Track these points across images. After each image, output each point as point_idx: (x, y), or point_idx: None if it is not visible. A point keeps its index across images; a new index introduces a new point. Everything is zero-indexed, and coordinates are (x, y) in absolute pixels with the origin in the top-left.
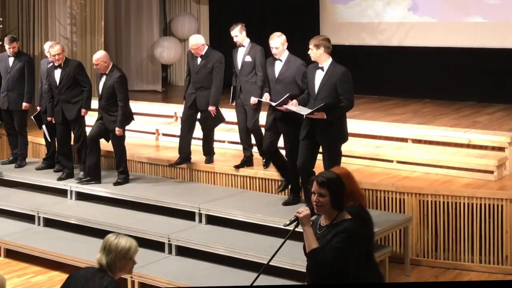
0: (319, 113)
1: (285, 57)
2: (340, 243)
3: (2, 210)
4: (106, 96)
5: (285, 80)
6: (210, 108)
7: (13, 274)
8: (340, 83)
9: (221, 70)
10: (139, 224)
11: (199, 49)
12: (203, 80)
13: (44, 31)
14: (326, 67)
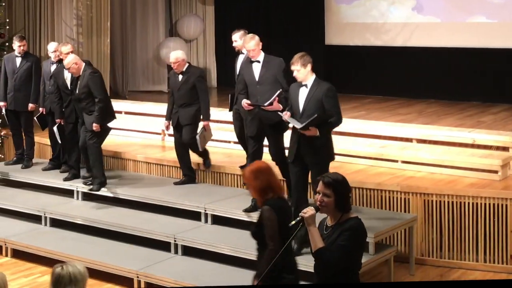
0: (312, 129)
1: (262, 58)
2: (345, 241)
3: (8, 211)
4: (84, 97)
5: (267, 81)
6: (204, 123)
7: (19, 274)
8: (326, 98)
9: (204, 84)
10: (145, 224)
11: (180, 64)
12: (185, 96)
13: (50, 32)
14: (310, 84)
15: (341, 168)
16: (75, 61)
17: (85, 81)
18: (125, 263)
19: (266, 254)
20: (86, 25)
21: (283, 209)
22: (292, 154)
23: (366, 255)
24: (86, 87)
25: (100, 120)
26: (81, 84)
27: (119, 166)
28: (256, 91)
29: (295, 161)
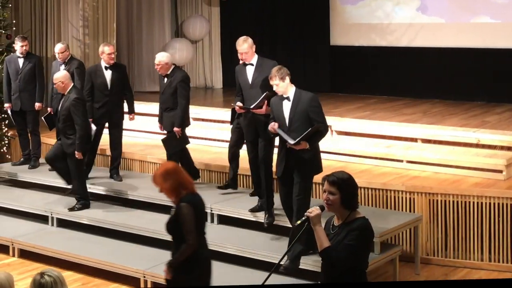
0: (302, 142)
1: (255, 61)
2: (353, 240)
3: (16, 211)
4: (63, 119)
5: (259, 84)
6: (176, 129)
7: (26, 274)
8: (311, 108)
9: (185, 89)
10: (151, 224)
11: (162, 67)
12: (168, 100)
13: (57, 33)
14: (292, 96)
15: (347, 168)
16: (62, 79)
17: (67, 104)
18: (132, 263)
19: (185, 248)
20: (92, 26)
21: (199, 204)
22: (281, 169)
23: (371, 255)
24: (67, 110)
25: (81, 148)
26: (63, 105)
27: (125, 166)
28: (249, 95)
29: (283, 177)
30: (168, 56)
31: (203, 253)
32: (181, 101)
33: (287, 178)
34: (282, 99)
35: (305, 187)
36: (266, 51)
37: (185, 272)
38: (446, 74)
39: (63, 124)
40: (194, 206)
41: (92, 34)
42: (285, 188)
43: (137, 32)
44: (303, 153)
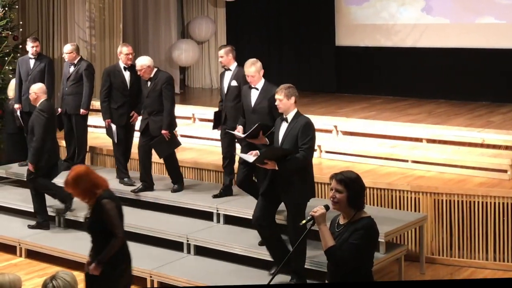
0: (270, 162)
1: (261, 85)
2: (358, 239)
3: (23, 212)
4: (30, 131)
5: (261, 111)
6: (163, 132)
7: (34, 274)
8: (301, 134)
9: (170, 91)
10: (158, 225)
11: (145, 71)
12: (154, 104)
13: (64, 34)
14: (290, 118)
15: (352, 168)
16: (35, 91)
17: (33, 117)
18: (138, 263)
19: (114, 242)
20: (99, 27)
21: (116, 199)
22: (264, 186)
23: (377, 254)
24: (32, 123)
25: (33, 160)
26: (31, 118)
27: (132, 167)
28: (250, 119)
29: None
30: (149, 59)
31: (127, 247)
32: (166, 104)
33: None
34: (282, 120)
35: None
36: (272, 52)
37: (111, 267)
38: (451, 74)
39: (30, 136)
40: (114, 201)
41: (98, 35)
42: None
43: (143, 33)
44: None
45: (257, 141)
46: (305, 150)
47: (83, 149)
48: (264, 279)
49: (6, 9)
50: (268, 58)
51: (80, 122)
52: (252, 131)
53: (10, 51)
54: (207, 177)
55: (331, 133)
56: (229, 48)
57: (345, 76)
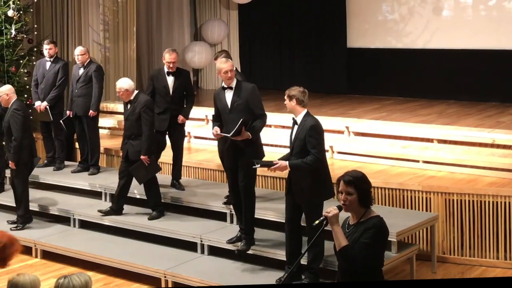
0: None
1: (234, 84)
2: (369, 239)
3: (38, 213)
4: (6, 132)
5: (238, 108)
6: (142, 157)
7: (50, 275)
8: (308, 138)
9: (148, 115)
10: (173, 225)
11: (123, 94)
12: (132, 127)
13: (78, 37)
14: (299, 121)
15: (364, 168)
16: (7, 92)
17: (7, 117)
18: (153, 263)
19: None
20: (113, 30)
21: None
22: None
23: (389, 254)
24: (8, 123)
25: (14, 158)
26: (6, 119)
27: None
28: (229, 118)
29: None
30: (129, 83)
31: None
32: (144, 128)
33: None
34: (294, 122)
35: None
36: (284, 53)
37: None
38: (461, 75)
39: (6, 137)
40: None
41: (112, 38)
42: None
43: (157, 35)
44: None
45: (241, 138)
46: (315, 154)
47: (96, 151)
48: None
49: (21, 12)
50: (280, 59)
51: (90, 124)
52: (237, 128)
53: (25, 54)
54: (220, 178)
55: (342, 134)
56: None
57: (357, 78)
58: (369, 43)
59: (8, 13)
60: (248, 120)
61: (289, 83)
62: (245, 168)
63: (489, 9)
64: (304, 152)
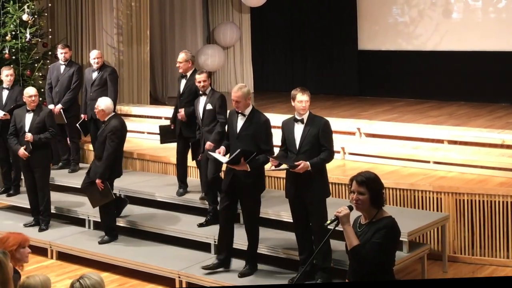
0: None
1: (248, 111)
2: (380, 238)
3: (54, 214)
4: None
5: (246, 138)
6: (97, 181)
7: (65, 276)
8: (322, 134)
9: (113, 141)
10: (186, 226)
11: (98, 113)
12: (99, 148)
13: (92, 41)
14: (305, 119)
15: (375, 169)
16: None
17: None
18: (167, 263)
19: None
20: (126, 34)
21: None
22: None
23: (401, 253)
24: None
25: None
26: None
27: (160, 170)
28: (235, 146)
29: (295, 198)
30: (107, 104)
31: None
32: (105, 154)
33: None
34: (295, 121)
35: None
36: (296, 56)
37: None
38: (471, 77)
39: None
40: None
41: (126, 42)
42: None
43: (170, 39)
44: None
45: (238, 167)
46: (330, 149)
47: None
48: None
49: (36, 16)
50: (292, 62)
51: None
52: (234, 157)
53: (39, 57)
54: None
55: (354, 135)
56: (207, 73)
57: (368, 80)
58: (379, 45)
59: (23, 17)
60: (250, 152)
61: (301, 85)
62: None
63: (498, 11)
64: (315, 149)
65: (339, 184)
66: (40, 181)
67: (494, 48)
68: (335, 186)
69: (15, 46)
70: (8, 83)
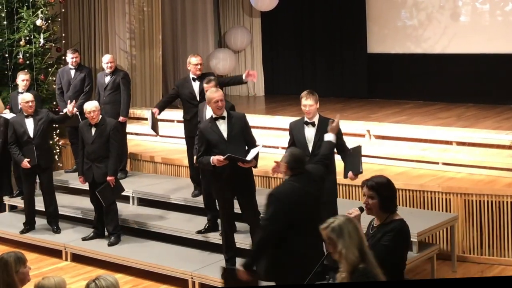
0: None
1: (226, 113)
2: (388, 241)
3: (67, 217)
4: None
5: (236, 137)
6: (109, 178)
7: (79, 277)
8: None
9: (118, 137)
10: (199, 228)
11: (96, 115)
12: (100, 150)
13: (105, 45)
14: (316, 122)
15: (385, 170)
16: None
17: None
18: (180, 265)
19: None
20: (139, 38)
21: None
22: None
23: (410, 253)
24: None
25: None
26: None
27: (172, 172)
28: (226, 150)
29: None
30: (97, 103)
31: None
32: (113, 150)
33: None
34: (306, 124)
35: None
36: (306, 59)
37: None
38: (479, 79)
39: None
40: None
41: (138, 46)
42: None
43: (181, 43)
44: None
45: (249, 165)
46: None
47: (124, 156)
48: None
49: (49, 21)
50: (302, 65)
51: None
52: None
53: (53, 62)
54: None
55: (364, 137)
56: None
57: (377, 82)
58: (388, 48)
59: (37, 23)
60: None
61: (311, 88)
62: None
63: (505, 15)
64: None
65: (349, 186)
66: (47, 185)
67: (502, 51)
68: (345, 187)
69: (29, 51)
70: (24, 87)
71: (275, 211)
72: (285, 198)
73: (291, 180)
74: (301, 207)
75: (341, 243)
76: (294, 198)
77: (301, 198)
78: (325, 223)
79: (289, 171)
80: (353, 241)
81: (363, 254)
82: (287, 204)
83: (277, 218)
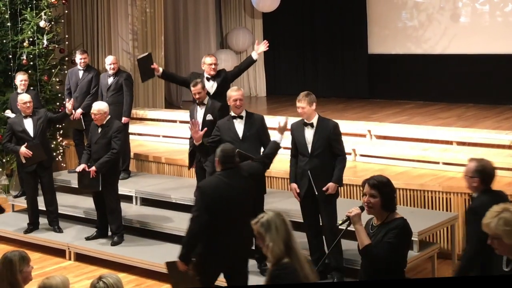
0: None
1: (244, 113)
2: (392, 238)
3: (70, 216)
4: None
5: (251, 138)
6: (92, 168)
7: (83, 277)
8: (334, 136)
9: (120, 139)
10: None
11: (101, 117)
12: (102, 150)
13: (108, 47)
14: (315, 123)
15: (386, 170)
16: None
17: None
18: None
19: None
20: (141, 40)
21: None
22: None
23: (411, 252)
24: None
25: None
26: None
27: (175, 172)
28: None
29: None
30: (106, 105)
31: None
32: (112, 152)
33: (311, 201)
34: (305, 125)
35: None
36: (307, 60)
37: None
38: (479, 79)
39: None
40: None
41: (141, 47)
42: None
43: (184, 44)
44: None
45: None
46: (343, 154)
47: (127, 157)
48: None
49: (53, 23)
50: (303, 66)
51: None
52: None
53: (56, 63)
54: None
55: (365, 137)
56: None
57: (378, 83)
58: (389, 49)
59: (40, 24)
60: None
61: (312, 88)
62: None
63: (505, 15)
64: (327, 151)
65: (350, 185)
66: (48, 185)
67: (501, 51)
68: (346, 187)
69: (32, 52)
70: (23, 88)
71: (201, 203)
72: (210, 190)
73: (220, 174)
74: (226, 201)
75: (269, 237)
76: (219, 191)
77: (226, 192)
78: (255, 218)
79: (220, 165)
80: (280, 235)
81: (289, 249)
82: (211, 197)
83: (202, 209)
